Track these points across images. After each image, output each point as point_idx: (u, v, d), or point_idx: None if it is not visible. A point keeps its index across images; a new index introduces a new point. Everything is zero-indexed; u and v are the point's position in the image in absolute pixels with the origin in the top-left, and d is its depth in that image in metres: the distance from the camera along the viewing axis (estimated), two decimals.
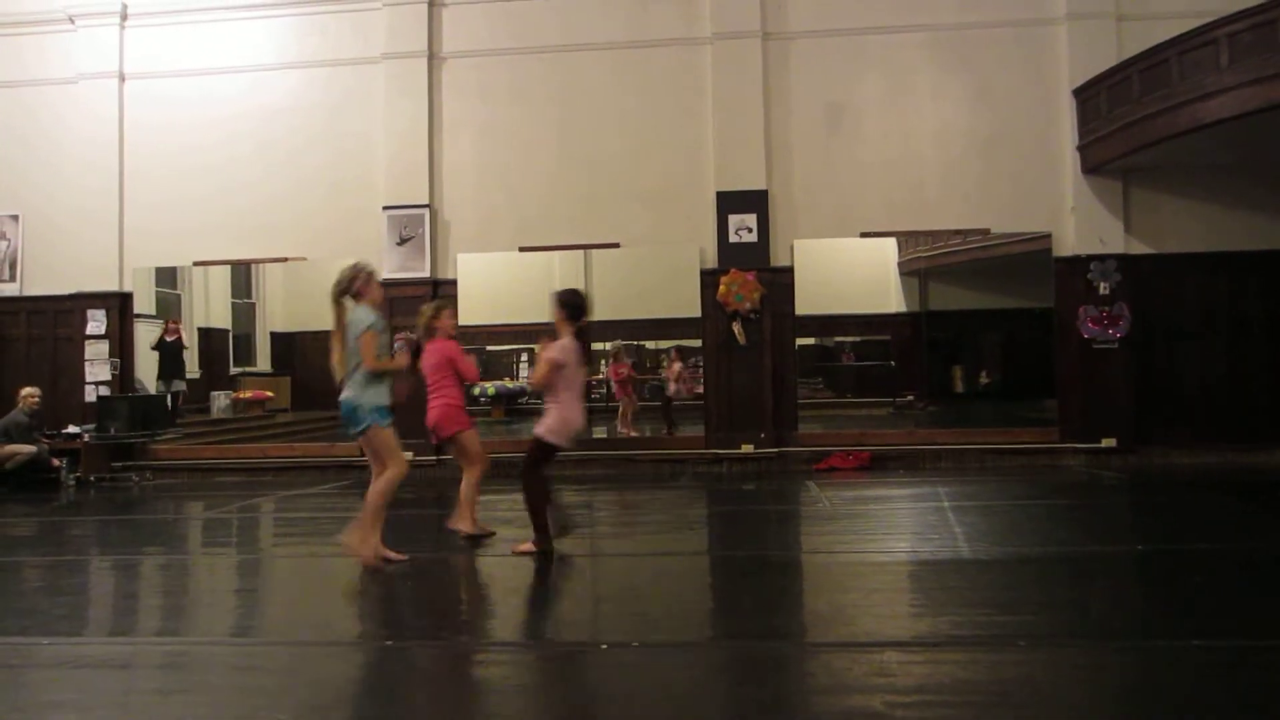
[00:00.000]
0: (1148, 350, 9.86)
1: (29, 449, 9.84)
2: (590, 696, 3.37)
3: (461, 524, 6.09)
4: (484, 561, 5.73)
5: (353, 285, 5.34)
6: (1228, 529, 6.45)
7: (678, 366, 11.81)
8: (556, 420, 5.44)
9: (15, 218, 11.22)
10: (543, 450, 5.49)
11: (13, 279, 11.19)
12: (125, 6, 11.03)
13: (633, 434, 11.51)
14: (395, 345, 10.15)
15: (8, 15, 11.22)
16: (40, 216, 11.15)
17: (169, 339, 11.63)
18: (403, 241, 10.47)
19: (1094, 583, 4.99)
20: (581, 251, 10.91)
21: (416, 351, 5.98)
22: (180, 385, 11.88)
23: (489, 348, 13.99)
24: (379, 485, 5.29)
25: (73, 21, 11.08)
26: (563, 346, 5.44)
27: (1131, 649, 3.66)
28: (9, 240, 11.24)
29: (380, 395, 5.31)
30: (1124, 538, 6.40)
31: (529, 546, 5.49)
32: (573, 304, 5.57)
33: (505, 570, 5.43)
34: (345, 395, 5.30)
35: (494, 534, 6.11)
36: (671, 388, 11.72)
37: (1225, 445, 9.62)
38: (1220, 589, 4.65)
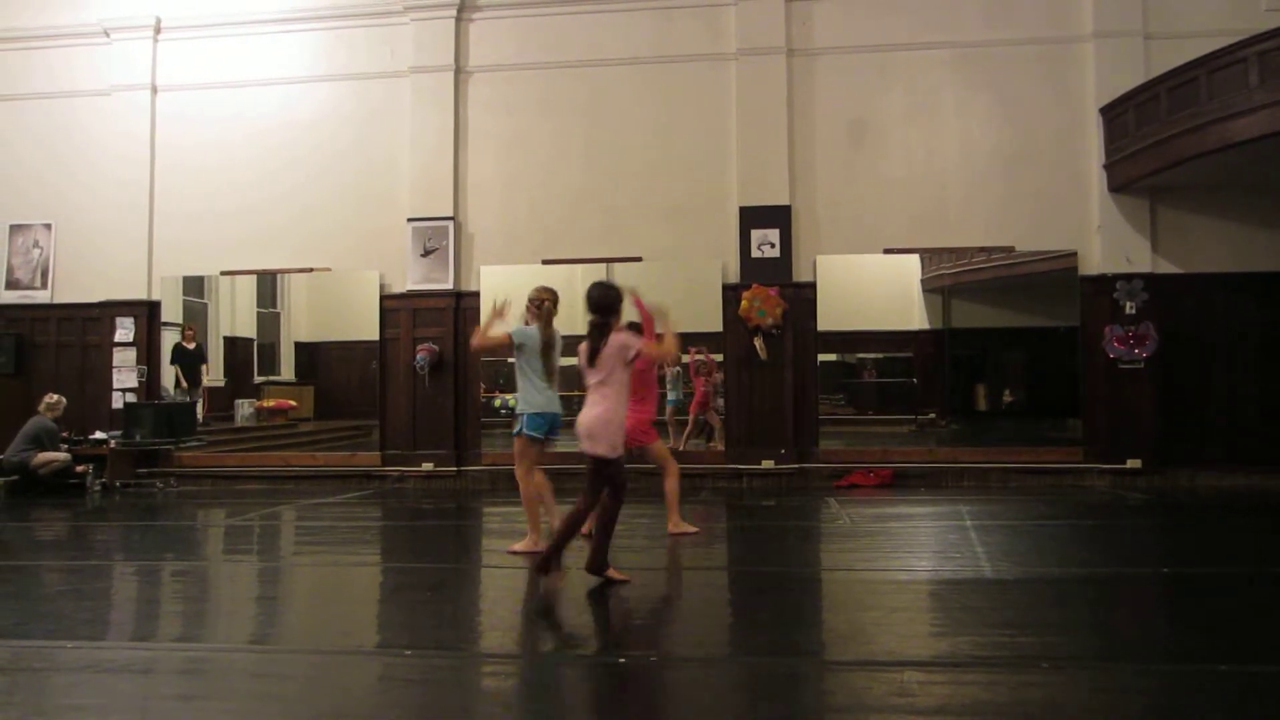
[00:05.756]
0: (1174, 370, 9.74)
1: (63, 456, 10.01)
2: (606, 710, 3.36)
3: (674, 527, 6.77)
4: (503, 572, 5.75)
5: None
6: (1255, 552, 6.35)
7: None
8: None
9: (48, 226, 11.42)
10: None
11: (44, 286, 11.38)
12: (159, 20, 11.23)
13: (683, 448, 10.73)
14: (418, 357, 10.32)
15: (43, 29, 11.45)
16: (72, 225, 11.33)
17: (189, 346, 11.59)
18: (427, 253, 10.55)
19: (1118, 605, 4.93)
20: (604, 265, 10.92)
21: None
22: (190, 395, 11.51)
23: (510, 360, 13.93)
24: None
25: (108, 35, 11.28)
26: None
27: (1156, 672, 3.61)
28: (41, 249, 11.43)
29: None
30: (1149, 559, 6.31)
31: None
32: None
33: (524, 582, 5.43)
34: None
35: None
36: None
37: (1253, 467, 9.47)
38: (1247, 613, 4.57)
